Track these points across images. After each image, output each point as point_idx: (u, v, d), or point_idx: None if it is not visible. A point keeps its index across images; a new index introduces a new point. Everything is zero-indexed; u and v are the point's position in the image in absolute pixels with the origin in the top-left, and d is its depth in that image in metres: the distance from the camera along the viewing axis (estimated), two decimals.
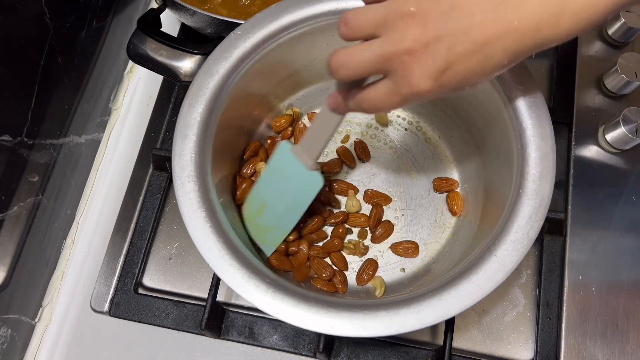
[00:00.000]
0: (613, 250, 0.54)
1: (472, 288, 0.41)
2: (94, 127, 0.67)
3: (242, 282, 0.42)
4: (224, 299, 0.56)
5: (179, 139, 0.47)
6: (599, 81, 0.60)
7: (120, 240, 0.58)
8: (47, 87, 0.56)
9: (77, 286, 0.61)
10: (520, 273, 0.56)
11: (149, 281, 0.58)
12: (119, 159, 0.66)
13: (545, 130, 0.46)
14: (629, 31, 0.60)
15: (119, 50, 0.70)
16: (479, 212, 0.53)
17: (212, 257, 0.43)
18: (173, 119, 0.63)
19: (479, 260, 0.43)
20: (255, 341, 0.53)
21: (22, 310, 0.58)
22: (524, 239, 0.43)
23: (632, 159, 0.57)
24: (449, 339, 0.49)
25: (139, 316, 0.55)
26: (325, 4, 0.51)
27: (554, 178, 0.45)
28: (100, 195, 0.65)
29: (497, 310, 0.55)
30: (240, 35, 0.51)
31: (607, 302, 0.53)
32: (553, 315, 0.53)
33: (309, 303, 0.42)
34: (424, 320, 0.41)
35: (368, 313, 0.41)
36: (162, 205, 0.60)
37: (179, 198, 0.45)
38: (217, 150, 0.50)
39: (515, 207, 0.44)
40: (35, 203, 0.58)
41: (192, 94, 0.49)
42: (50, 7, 0.55)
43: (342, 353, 0.52)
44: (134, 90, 0.70)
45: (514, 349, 0.54)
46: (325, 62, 0.38)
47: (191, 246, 0.55)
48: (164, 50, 0.57)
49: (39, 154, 0.57)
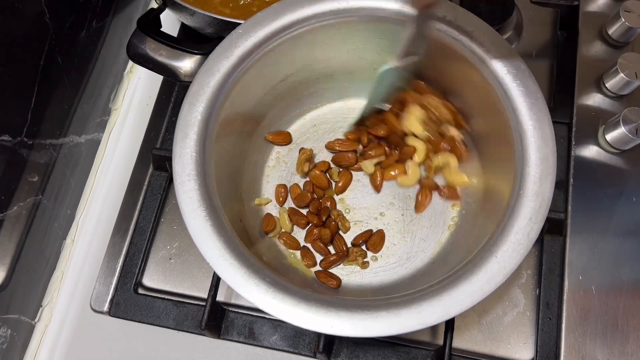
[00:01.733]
0: (613, 250, 0.54)
1: (472, 289, 0.41)
2: (94, 127, 0.67)
3: (243, 281, 0.42)
4: (224, 299, 0.56)
5: (179, 137, 0.47)
6: (599, 81, 0.60)
7: (120, 240, 0.58)
8: (47, 87, 0.56)
9: (77, 286, 0.61)
10: (521, 273, 0.56)
11: (148, 281, 0.58)
12: (118, 159, 0.66)
13: (545, 132, 0.46)
14: (629, 31, 0.60)
15: (119, 50, 0.70)
16: (479, 212, 0.53)
17: (213, 256, 0.43)
18: (173, 119, 0.63)
19: (479, 261, 0.43)
20: (255, 341, 0.53)
21: (22, 310, 0.58)
22: (524, 240, 0.43)
23: (632, 159, 0.57)
24: (449, 339, 0.49)
25: (139, 316, 0.55)
26: (326, 3, 0.51)
27: (554, 179, 0.45)
28: (100, 195, 0.65)
29: (497, 310, 0.55)
30: (241, 34, 0.51)
31: (607, 302, 0.53)
32: (553, 315, 0.53)
33: (309, 303, 0.42)
34: (424, 321, 0.41)
35: (368, 313, 0.41)
36: (162, 205, 0.60)
37: (179, 197, 0.45)
38: (218, 149, 0.50)
39: (516, 208, 0.44)
40: (35, 203, 0.58)
41: (193, 92, 0.49)
42: (50, 7, 0.55)
43: (342, 353, 0.52)
44: (134, 90, 0.70)
45: (514, 349, 0.54)
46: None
47: (191, 246, 0.55)
48: (163, 50, 0.57)
49: (38, 154, 0.57)
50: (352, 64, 0.58)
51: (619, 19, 0.59)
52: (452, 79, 0.54)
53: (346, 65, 0.58)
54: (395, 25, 0.52)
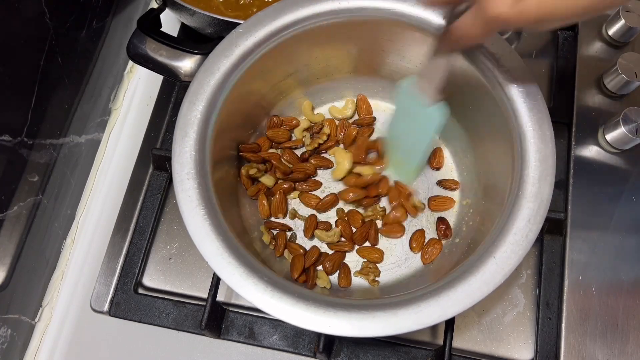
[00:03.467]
0: (613, 250, 0.54)
1: (471, 289, 0.41)
2: (94, 127, 0.67)
3: (241, 280, 0.42)
4: (224, 299, 0.56)
5: (179, 136, 0.47)
6: (599, 81, 0.60)
7: (120, 240, 0.58)
8: (47, 87, 0.56)
9: (77, 286, 0.61)
10: (520, 273, 0.56)
11: (149, 281, 0.58)
12: (119, 159, 0.66)
13: (545, 133, 0.46)
14: (629, 31, 0.60)
15: (119, 50, 0.70)
16: (478, 213, 0.53)
17: (211, 255, 0.43)
18: (173, 119, 0.63)
19: (477, 261, 0.43)
20: (255, 341, 0.53)
21: (22, 310, 0.58)
22: (523, 241, 0.43)
23: (632, 159, 0.57)
24: (449, 338, 0.49)
25: (139, 316, 0.55)
26: (326, 3, 0.51)
27: (553, 181, 0.45)
28: (100, 195, 0.65)
29: (497, 310, 0.55)
30: (241, 33, 0.51)
31: (607, 302, 0.53)
32: (553, 315, 0.52)
33: (307, 302, 0.42)
34: (422, 321, 0.41)
35: (366, 313, 0.41)
36: (162, 205, 0.60)
37: (178, 196, 0.45)
38: (217, 149, 0.50)
39: (515, 209, 0.44)
40: (35, 203, 0.58)
41: (193, 91, 0.49)
42: (50, 7, 0.55)
43: (342, 353, 0.52)
44: (134, 90, 0.70)
45: (514, 349, 0.53)
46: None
47: (191, 246, 0.55)
48: (164, 50, 0.57)
49: (39, 154, 0.57)
50: (352, 64, 0.58)
51: (619, 19, 0.59)
52: (452, 79, 0.54)
53: (346, 65, 0.58)
54: (395, 25, 0.52)
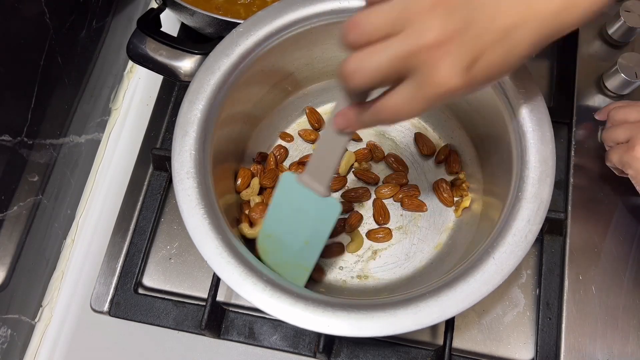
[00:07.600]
0: (613, 250, 0.54)
1: (470, 290, 0.41)
2: (94, 127, 0.67)
3: (240, 279, 0.42)
4: (224, 299, 0.56)
5: (178, 135, 0.47)
6: (599, 81, 0.60)
7: (120, 240, 0.58)
8: (47, 87, 0.56)
9: (77, 286, 0.61)
10: (520, 273, 0.56)
11: (148, 281, 0.58)
12: (118, 159, 0.66)
13: (545, 134, 0.46)
14: (629, 31, 0.60)
15: (119, 50, 0.70)
16: (477, 213, 0.53)
17: (211, 255, 0.43)
18: (173, 118, 0.63)
19: (477, 262, 0.43)
20: (255, 341, 0.53)
21: (22, 310, 0.58)
22: (522, 241, 0.43)
23: None
24: (449, 339, 0.49)
25: (139, 316, 0.55)
26: (327, 2, 0.51)
27: (553, 182, 0.44)
28: (100, 195, 0.65)
29: (497, 310, 0.55)
30: (242, 32, 0.50)
31: (607, 302, 0.53)
32: (553, 315, 0.52)
33: (306, 302, 0.42)
34: (421, 321, 0.41)
35: (365, 313, 0.41)
36: (162, 205, 0.60)
37: (178, 195, 0.45)
38: (217, 148, 0.50)
39: (514, 210, 0.44)
40: (35, 203, 0.58)
41: (193, 90, 0.49)
42: (50, 7, 0.55)
43: (342, 353, 0.52)
44: (134, 90, 0.70)
45: (514, 349, 0.53)
46: (336, 71, 0.37)
47: (191, 246, 0.55)
48: (163, 50, 0.57)
49: (38, 154, 0.57)
50: None
51: (619, 19, 0.59)
52: None
53: None
54: None
